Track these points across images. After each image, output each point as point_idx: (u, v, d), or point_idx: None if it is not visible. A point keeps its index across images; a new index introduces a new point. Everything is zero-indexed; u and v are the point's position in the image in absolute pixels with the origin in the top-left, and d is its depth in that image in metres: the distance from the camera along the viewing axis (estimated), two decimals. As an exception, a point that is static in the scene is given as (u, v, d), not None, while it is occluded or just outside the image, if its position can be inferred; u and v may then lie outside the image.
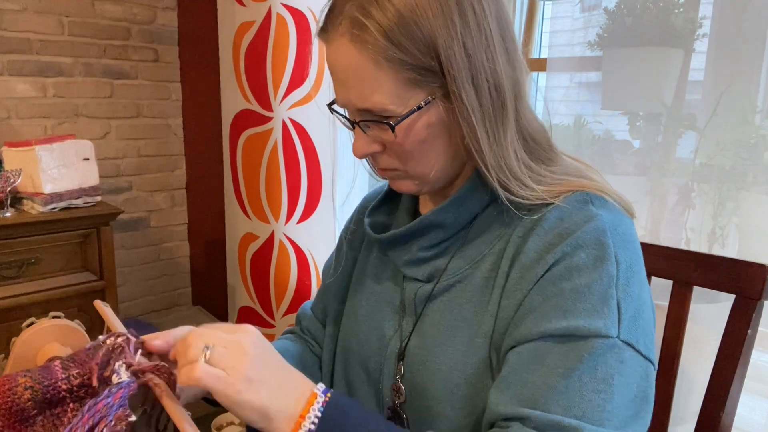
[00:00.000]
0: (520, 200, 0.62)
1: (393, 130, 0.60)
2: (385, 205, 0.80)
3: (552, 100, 1.27)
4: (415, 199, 0.77)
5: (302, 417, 0.53)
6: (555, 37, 1.25)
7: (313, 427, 0.53)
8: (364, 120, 0.63)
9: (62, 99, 2.07)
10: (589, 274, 0.57)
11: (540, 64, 1.37)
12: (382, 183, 0.81)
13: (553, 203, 0.61)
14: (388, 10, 0.56)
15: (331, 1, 0.61)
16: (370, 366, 0.74)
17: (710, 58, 1.04)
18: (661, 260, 0.85)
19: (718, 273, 0.79)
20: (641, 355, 0.58)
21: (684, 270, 0.83)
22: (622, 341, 0.56)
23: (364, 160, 0.73)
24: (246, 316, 2.11)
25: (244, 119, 1.92)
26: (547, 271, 0.59)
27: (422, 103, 0.60)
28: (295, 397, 0.54)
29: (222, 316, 2.25)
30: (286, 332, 0.93)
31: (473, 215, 0.67)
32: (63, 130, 2.07)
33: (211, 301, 2.40)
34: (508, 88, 0.61)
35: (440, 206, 0.67)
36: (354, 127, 0.65)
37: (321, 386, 0.56)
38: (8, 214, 1.62)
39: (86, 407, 0.51)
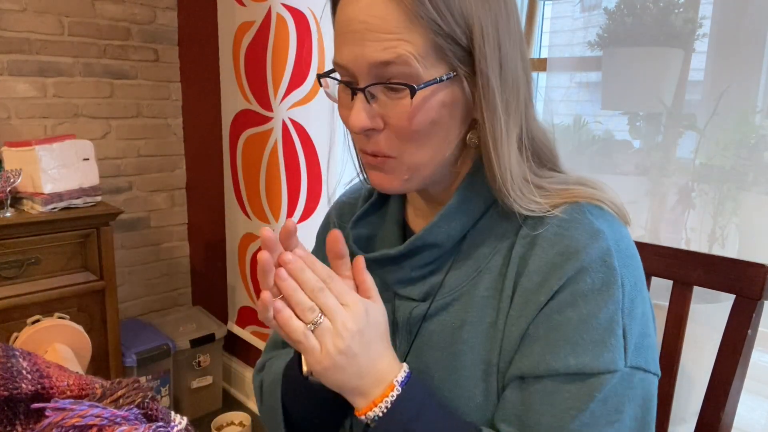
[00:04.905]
0: (517, 211, 0.59)
1: (413, 96, 0.54)
2: (370, 215, 0.74)
3: (552, 100, 1.27)
4: (402, 208, 0.73)
5: (374, 404, 0.56)
6: (555, 37, 1.25)
7: (381, 414, 0.55)
8: (377, 84, 0.56)
9: (62, 99, 2.06)
10: (595, 301, 0.56)
11: (540, 64, 1.37)
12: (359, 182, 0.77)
13: (550, 215, 0.59)
14: None
15: None
16: None
17: (710, 58, 1.04)
18: (661, 260, 0.85)
19: (718, 273, 0.79)
20: (648, 372, 0.58)
21: (684, 270, 0.83)
22: (630, 368, 0.56)
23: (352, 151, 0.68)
24: (246, 316, 2.11)
25: (244, 119, 1.92)
26: (551, 299, 0.57)
27: (444, 76, 0.55)
28: (375, 380, 0.56)
29: (222, 316, 2.25)
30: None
31: (467, 229, 0.64)
32: (63, 130, 2.07)
33: (211, 301, 2.40)
34: (523, 85, 0.59)
35: (431, 223, 0.63)
36: (353, 96, 0.57)
37: (402, 376, 0.57)
38: (8, 214, 1.62)
39: None
